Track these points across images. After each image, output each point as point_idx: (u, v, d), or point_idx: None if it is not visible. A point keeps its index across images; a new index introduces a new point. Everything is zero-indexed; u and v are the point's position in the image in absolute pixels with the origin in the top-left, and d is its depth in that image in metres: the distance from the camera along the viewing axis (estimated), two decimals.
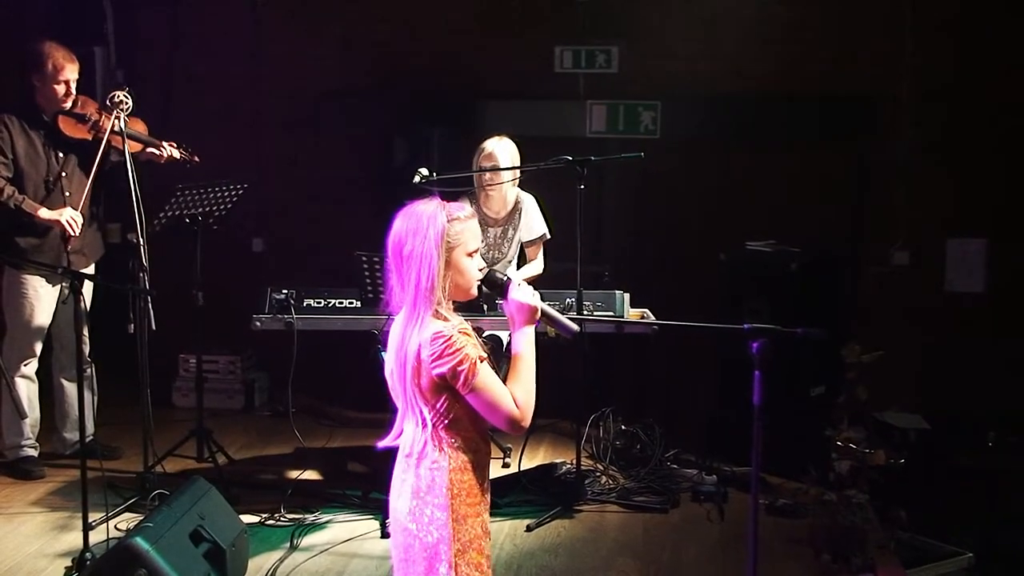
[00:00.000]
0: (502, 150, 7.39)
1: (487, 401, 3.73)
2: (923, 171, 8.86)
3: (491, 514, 4.00)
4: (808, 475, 6.70)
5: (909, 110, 8.84)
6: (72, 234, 7.20)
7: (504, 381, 3.82)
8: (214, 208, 7.57)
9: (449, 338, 3.68)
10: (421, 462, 3.82)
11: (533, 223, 7.63)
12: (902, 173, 8.89)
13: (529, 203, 7.64)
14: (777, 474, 7.45)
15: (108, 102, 7.14)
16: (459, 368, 3.67)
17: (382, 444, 3.98)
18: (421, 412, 3.80)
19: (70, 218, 7.17)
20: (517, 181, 7.59)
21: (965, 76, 8.74)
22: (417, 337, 3.72)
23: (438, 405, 3.76)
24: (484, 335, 4.24)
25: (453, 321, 3.77)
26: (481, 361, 3.71)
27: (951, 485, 7.17)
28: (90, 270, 7.66)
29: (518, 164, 7.44)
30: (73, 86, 7.35)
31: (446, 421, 3.78)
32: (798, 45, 8.97)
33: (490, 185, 7.42)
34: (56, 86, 7.27)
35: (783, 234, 8.43)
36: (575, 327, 4.00)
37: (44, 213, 7.20)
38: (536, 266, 7.67)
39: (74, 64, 7.36)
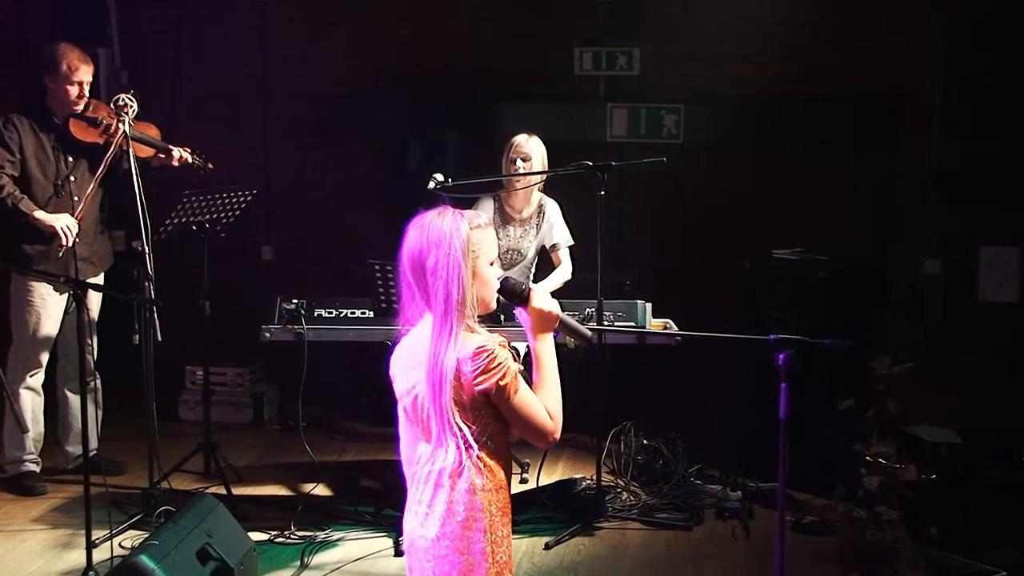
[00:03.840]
0: (534, 145, 7.54)
1: (524, 414, 3.71)
2: (954, 176, 8.85)
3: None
4: (836, 491, 6.69)
5: (939, 112, 8.84)
6: (64, 244, 7.20)
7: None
8: (222, 215, 7.59)
9: (492, 352, 3.64)
10: (456, 484, 3.75)
11: (556, 229, 7.71)
12: (932, 178, 8.88)
13: (552, 208, 7.73)
14: (804, 490, 7.44)
15: (112, 105, 7.17)
16: (502, 382, 3.64)
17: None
18: (461, 431, 3.71)
19: (65, 225, 7.17)
20: (542, 184, 7.65)
21: (996, 77, 8.73)
22: (454, 353, 3.65)
23: (478, 423, 3.71)
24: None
25: (484, 333, 3.74)
26: (519, 374, 3.70)
27: (984, 501, 7.14)
28: (99, 279, 7.69)
29: (546, 163, 7.55)
30: (87, 88, 7.38)
31: (484, 438, 3.73)
32: (824, 47, 8.98)
33: (519, 180, 7.51)
34: (70, 87, 7.30)
35: (810, 241, 8.42)
36: (591, 334, 3.99)
37: (40, 215, 7.21)
38: (564, 271, 7.71)
39: (89, 66, 7.40)
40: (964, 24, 8.76)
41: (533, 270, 7.84)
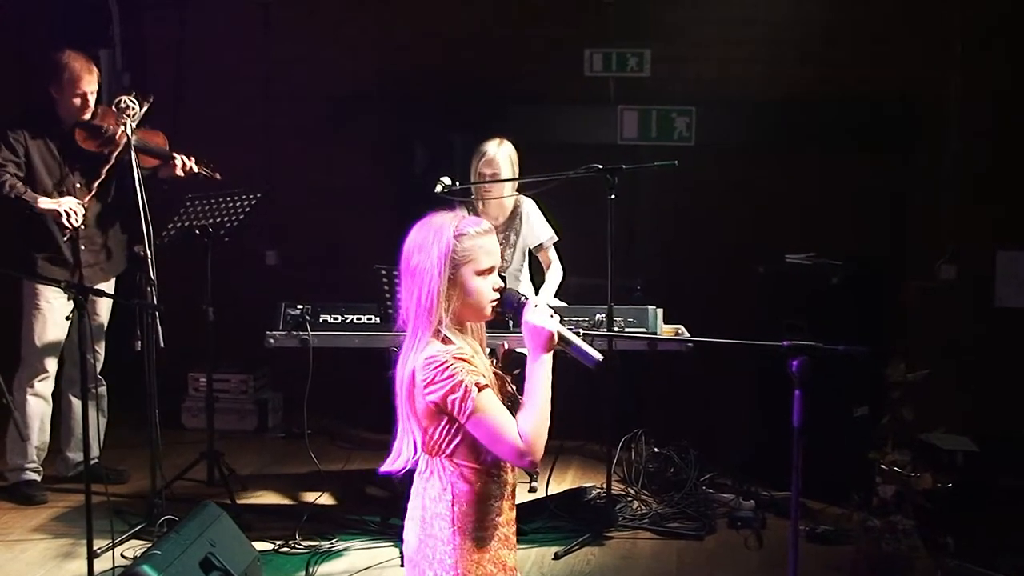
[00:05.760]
0: (503, 156, 7.43)
1: (488, 431, 3.60)
2: (970, 179, 8.84)
3: (517, 541, 3.92)
4: (851, 500, 6.68)
5: (955, 114, 8.82)
6: (68, 226, 7.18)
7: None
8: (225, 219, 7.58)
9: (442, 363, 3.59)
10: (426, 490, 3.75)
11: (536, 228, 7.64)
12: (948, 181, 8.87)
13: (529, 207, 7.65)
14: (818, 499, 7.44)
15: (114, 108, 7.18)
16: (451, 396, 3.57)
17: (383, 469, 3.86)
18: (415, 438, 3.71)
19: (69, 207, 7.17)
20: (515, 186, 7.61)
21: (1014, 78, 8.71)
22: (413, 360, 3.65)
23: (435, 433, 3.66)
24: (513, 352, 4.14)
25: (455, 344, 3.67)
26: (480, 389, 3.59)
27: (1001, 510, 7.13)
28: (109, 284, 7.71)
29: (518, 169, 7.48)
30: (92, 98, 7.39)
31: (448, 450, 3.68)
32: (838, 47, 8.98)
33: (487, 193, 7.45)
34: (74, 99, 7.33)
35: (824, 246, 8.40)
36: (598, 356, 3.80)
37: (43, 203, 7.21)
38: (556, 273, 7.63)
39: (92, 75, 7.39)
40: (982, 24, 8.74)
41: (524, 274, 7.77)
